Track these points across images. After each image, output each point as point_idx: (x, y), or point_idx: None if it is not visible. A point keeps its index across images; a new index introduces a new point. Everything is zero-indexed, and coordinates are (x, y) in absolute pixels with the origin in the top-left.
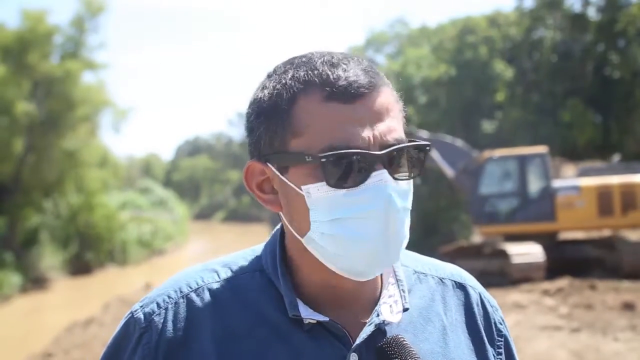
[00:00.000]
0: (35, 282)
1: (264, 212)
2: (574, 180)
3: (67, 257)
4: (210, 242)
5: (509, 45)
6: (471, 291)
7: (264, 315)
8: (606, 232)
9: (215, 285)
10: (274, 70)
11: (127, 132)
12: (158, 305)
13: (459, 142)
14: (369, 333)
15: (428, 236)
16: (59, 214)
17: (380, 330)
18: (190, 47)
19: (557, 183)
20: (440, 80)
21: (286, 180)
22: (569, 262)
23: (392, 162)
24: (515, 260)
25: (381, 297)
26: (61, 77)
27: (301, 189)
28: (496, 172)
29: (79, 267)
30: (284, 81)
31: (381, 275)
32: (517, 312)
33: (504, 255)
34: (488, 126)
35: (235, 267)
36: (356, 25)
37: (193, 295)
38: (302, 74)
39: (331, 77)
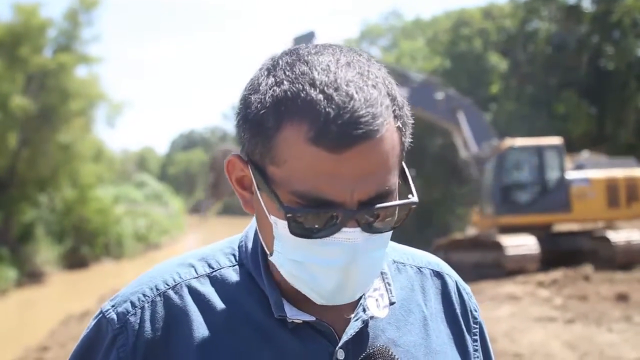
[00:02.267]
0: (31, 276)
1: None
2: (583, 172)
3: (62, 251)
4: (206, 236)
5: (503, 37)
6: (448, 279)
7: (246, 313)
8: (600, 224)
9: (194, 282)
10: (268, 69)
11: (121, 126)
12: (133, 304)
13: (485, 120)
14: (356, 329)
15: (422, 228)
16: (54, 208)
17: (366, 325)
18: (184, 41)
19: (567, 175)
20: (435, 73)
21: (259, 198)
22: (563, 253)
23: (370, 218)
24: (510, 252)
25: (371, 292)
26: (55, 71)
27: (269, 216)
28: (516, 162)
29: (75, 261)
30: (276, 94)
31: None
32: (511, 304)
33: (498, 247)
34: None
35: (212, 262)
36: (351, 18)
37: (171, 293)
38: (294, 93)
39: (323, 112)
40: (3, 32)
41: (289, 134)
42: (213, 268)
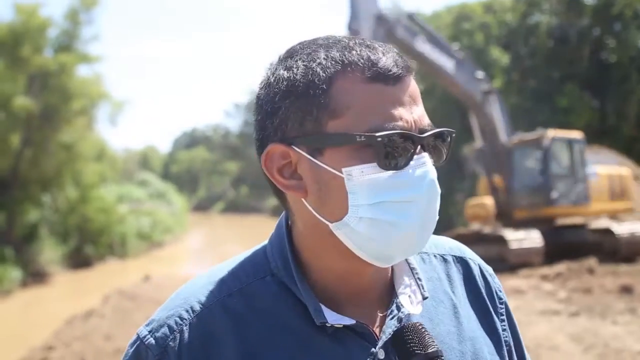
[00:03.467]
0: (35, 276)
1: (263, 203)
2: (591, 166)
3: (66, 251)
4: (210, 234)
5: (504, 31)
6: (471, 264)
7: (284, 323)
8: (603, 217)
9: (228, 299)
10: (295, 51)
11: (124, 124)
12: (170, 328)
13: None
14: (394, 328)
15: None
16: (58, 208)
17: (400, 324)
18: (186, 38)
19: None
20: None
21: (320, 164)
22: (567, 247)
23: (430, 146)
24: (514, 245)
25: (397, 287)
26: (56, 71)
27: (341, 172)
28: (557, 153)
29: (79, 260)
30: (318, 60)
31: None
32: (516, 297)
33: (502, 241)
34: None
35: (243, 275)
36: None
37: (206, 313)
38: (336, 54)
39: (372, 57)
40: (4, 32)
41: (343, 82)
42: (244, 282)
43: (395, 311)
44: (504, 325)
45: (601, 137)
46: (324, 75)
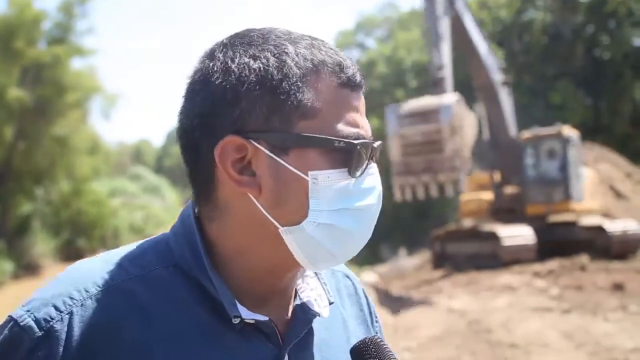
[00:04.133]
0: (27, 268)
1: None
2: None
3: (59, 244)
4: None
5: (499, 27)
6: (355, 282)
7: (190, 315)
8: (596, 214)
9: (129, 284)
10: (252, 39)
11: (117, 118)
12: (57, 308)
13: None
14: (304, 330)
15: (419, 220)
16: (50, 200)
17: (310, 326)
18: (180, 32)
19: None
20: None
21: (284, 164)
22: (559, 244)
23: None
24: (506, 242)
25: (301, 291)
26: (50, 63)
27: (307, 175)
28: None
29: (71, 253)
30: (291, 55)
31: None
32: (508, 294)
33: (495, 237)
34: (480, 109)
35: (144, 262)
36: (346, 9)
37: (104, 296)
38: (306, 52)
39: (342, 63)
40: None
41: (317, 84)
42: (146, 269)
43: (302, 314)
44: None
45: (595, 134)
46: (298, 72)
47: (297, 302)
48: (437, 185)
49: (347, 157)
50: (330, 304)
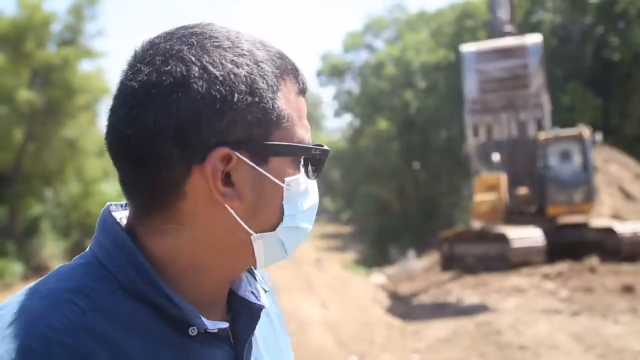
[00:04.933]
0: (36, 270)
1: None
2: None
3: (68, 246)
4: None
5: None
6: (270, 281)
7: (154, 339)
8: (605, 216)
9: (86, 319)
10: (218, 40)
11: None
12: None
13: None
14: (255, 325)
15: (426, 221)
16: (60, 202)
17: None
18: None
19: None
20: (440, 65)
21: (266, 173)
22: (569, 246)
23: None
24: (515, 244)
25: (239, 288)
26: (59, 65)
27: (283, 182)
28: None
29: None
30: (262, 61)
31: None
32: (517, 296)
33: (504, 239)
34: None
35: (88, 291)
36: (354, 10)
37: (68, 339)
38: (274, 58)
39: (298, 69)
40: (7, 27)
41: (285, 92)
42: (96, 298)
43: (246, 310)
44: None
45: (604, 136)
46: (274, 80)
47: (240, 299)
48: (517, 123)
49: (312, 161)
50: (265, 292)
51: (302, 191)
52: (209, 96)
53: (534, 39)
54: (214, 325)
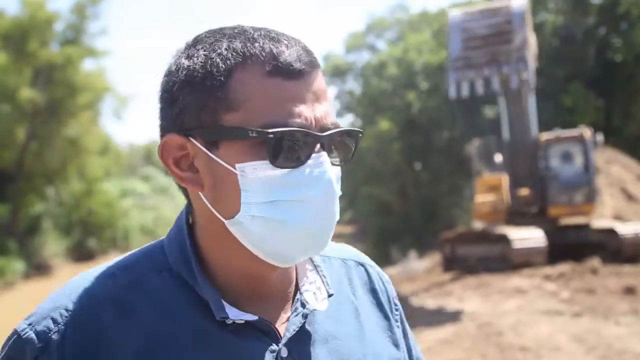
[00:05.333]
0: (38, 268)
1: None
2: None
3: (70, 244)
4: None
5: None
6: (370, 270)
7: (183, 319)
8: (607, 217)
9: (122, 292)
10: (200, 39)
11: (128, 119)
12: (54, 321)
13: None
14: (299, 325)
15: (428, 222)
16: (62, 201)
17: (307, 320)
18: (192, 31)
19: None
20: (442, 66)
21: (215, 158)
22: (570, 246)
23: (330, 145)
24: (517, 245)
25: (301, 285)
26: (62, 64)
27: (235, 168)
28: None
29: (82, 253)
30: (219, 50)
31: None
32: (518, 297)
33: (505, 240)
34: (490, 111)
35: (137, 269)
36: (356, 11)
37: (95, 306)
38: (239, 45)
39: (274, 51)
40: (11, 26)
41: (242, 75)
42: (138, 275)
43: (300, 308)
44: (400, 333)
45: (606, 137)
46: (223, 66)
47: (297, 297)
48: (500, 78)
49: (266, 147)
50: (330, 296)
51: (266, 179)
52: (163, 89)
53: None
54: (236, 315)
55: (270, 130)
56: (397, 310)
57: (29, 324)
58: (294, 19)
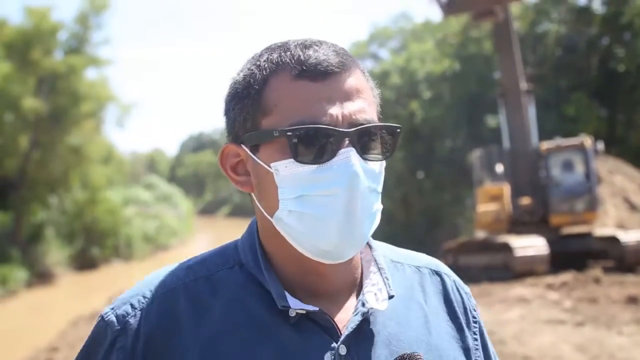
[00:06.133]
0: (40, 277)
1: None
2: None
3: (72, 252)
4: (215, 238)
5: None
6: (446, 278)
7: (247, 311)
8: (609, 227)
9: (193, 284)
10: (251, 56)
11: (131, 127)
12: (132, 306)
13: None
14: (357, 323)
15: (431, 230)
16: (64, 209)
17: (366, 319)
18: (194, 42)
19: None
20: (445, 75)
21: (257, 159)
22: (573, 255)
23: (361, 141)
24: (519, 253)
25: (364, 286)
26: (65, 73)
27: (270, 167)
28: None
29: (85, 262)
30: (258, 63)
31: (362, 264)
32: (521, 306)
33: (507, 249)
34: (492, 120)
35: (211, 264)
36: (360, 21)
37: (170, 295)
38: (275, 56)
39: (302, 56)
40: (15, 35)
41: (274, 82)
42: (211, 270)
43: (360, 307)
44: (477, 345)
45: (609, 147)
46: (259, 76)
47: (360, 297)
48: None
49: (289, 145)
50: (390, 297)
51: (296, 175)
52: (225, 102)
53: None
54: (297, 305)
55: (288, 129)
56: (475, 322)
57: (112, 308)
58: (297, 29)
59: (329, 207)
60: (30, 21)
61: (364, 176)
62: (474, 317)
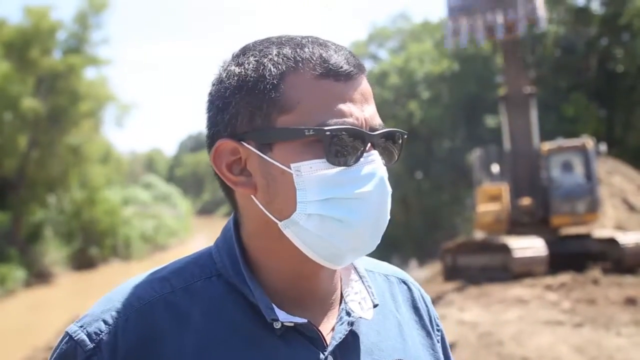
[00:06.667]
0: (39, 276)
1: None
2: None
3: (71, 252)
4: (214, 238)
5: None
6: (413, 287)
7: (232, 323)
8: (608, 228)
9: (171, 296)
10: (248, 48)
11: (130, 127)
12: (105, 322)
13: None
14: (345, 333)
15: (429, 231)
16: (63, 209)
17: (352, 329)
18: (193, 41)
19: None
20: (443, 76)
21: (269, 159)
22: (571, 256)
23: (383, 145)
24: (517, 254)
25: (346, 295)
26: (64, 73)
27: (289, 168)
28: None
29: (83, 261)
30: (269, 56)
31: (340, 272)
32: (519, 307)
33: (506, 249)
34: (491, 121)
35: (187, 274)
36: (358, 21)
37: (147, 309)
38: (289, 50)
39: (324, 55)
40: (14, 35)
41: (294, 78)
42: (189, 281)
43: (346, 317)
44: (441, 352)
45: (608, 147)
46: (275, 70)
47: (342, 306)
48: (505, 23)
49: (323, 146)
50: (375, 306)
51: (322, 177)
52: (214, 96)
53: None
54: (285, 317)
55: (327, 128)
56: (438, 330)
57: (81, 326)
58: (296, 29)
59: (356, 211)
60: (29, 21)
61: (386, 181)
62: (437, 326)
